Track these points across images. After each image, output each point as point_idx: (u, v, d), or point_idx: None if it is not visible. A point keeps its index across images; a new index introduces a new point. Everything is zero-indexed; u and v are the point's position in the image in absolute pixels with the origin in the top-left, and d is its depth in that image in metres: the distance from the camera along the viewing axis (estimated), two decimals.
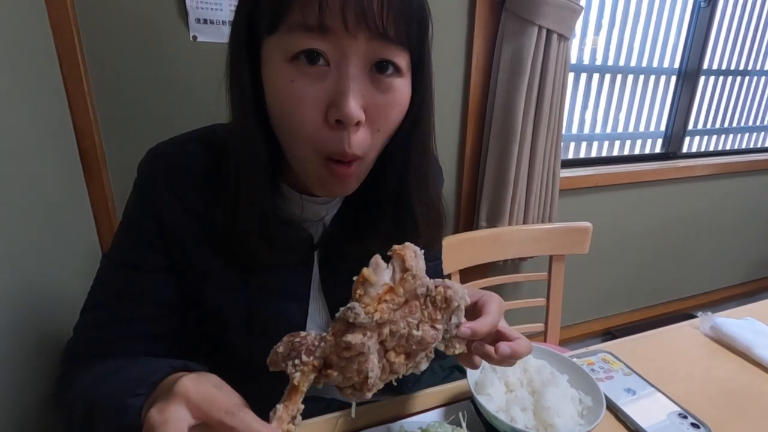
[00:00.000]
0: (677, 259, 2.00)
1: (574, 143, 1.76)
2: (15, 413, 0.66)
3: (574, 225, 1.17)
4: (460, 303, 0.41)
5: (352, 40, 0.39)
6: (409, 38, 0.42)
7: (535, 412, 0.51)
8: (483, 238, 1.12)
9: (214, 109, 1.06)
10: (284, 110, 0.42)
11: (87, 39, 0.93)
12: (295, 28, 0.39)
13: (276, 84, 0.42)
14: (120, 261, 0.51)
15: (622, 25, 1.64)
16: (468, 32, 1.26)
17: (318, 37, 0.39)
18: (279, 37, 0.40)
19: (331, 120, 0.41)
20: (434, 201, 0.55)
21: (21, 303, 0.70)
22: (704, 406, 0.59)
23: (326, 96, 0.41)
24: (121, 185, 1.05)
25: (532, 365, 0.58)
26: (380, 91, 0.42)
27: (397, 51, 0.42)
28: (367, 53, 0.40)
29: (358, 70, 0.40)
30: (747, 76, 2.02)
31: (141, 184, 0.51)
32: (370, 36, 0.39)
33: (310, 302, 0.57)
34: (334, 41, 0.39)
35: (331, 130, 0.41)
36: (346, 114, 0.40)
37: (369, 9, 0.38)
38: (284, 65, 0.40)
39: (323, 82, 0.40)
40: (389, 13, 0.39)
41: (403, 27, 0.41)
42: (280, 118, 0.43)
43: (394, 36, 0.40)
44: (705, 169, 1.86)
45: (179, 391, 0.34)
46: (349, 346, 0.36)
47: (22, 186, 0.72)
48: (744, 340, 0.71)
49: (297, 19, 0.38)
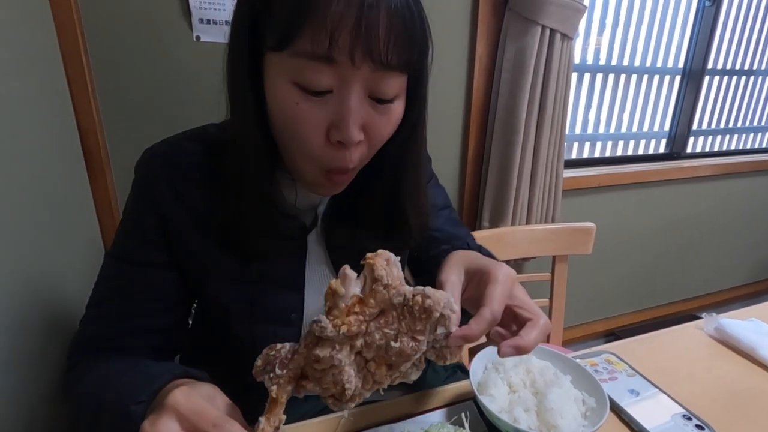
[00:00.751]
0: (681, 260, 1.99)
1: (577, 143, 1.75)
2: (19, 409, 0.66)
3: (577, 225, 1.16)
4: (443, 312, 0.38)
5: (356, 71, 0.40)
6: (409, 62, 0.44)
7: (538, 413, 0.51)
8: (486, 239, 1.12)
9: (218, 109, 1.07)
10: (288, 128, 0.44)
11: (91, 39, 0.94)
12: (303, 55, 0.40)
13: (280, 103, 0.43)
14: (122, 257, 0.53)
15: (626, 25, 1.64)
16: (471, 32, 1.26)
17: (324, 66, 0.40)
18: (285, 57, 0.41)
19: (333, 140, 0.44)
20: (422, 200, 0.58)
21: (25, 300, 0.70)
22: (709, 407, 0.58)
23: (328, 118, 0.43)
24: (124, 184, 1.05)
25: (535, 366, 0.57)
26: (378, 113, 0.45)
27: (398, 76, 0.44)
28: (369, 81, 0.42)
29: (359, 97, 0.42)
30: (752, 75, 2.01)
31: (139, 182, 0.53)
32: (374, 68, 0.41)
33: (312, 288, 0.59)
34: (338, 72, 0.40)
35: (333, 149, 0.44)
36: (348, 138, 0.42)
37: (376, 46, 0.39)
38: (289, 86, 0.42)
39: (326, 105, 0.42)
40: (394, 48, 0.41)
41: (404, 57, 0.42)
42: (284, 132, 0.46)
43: (396, 65, 0.42)
44: (709, 170, 1.85)
45: (170, 404, 0.36)
46: (318, 359, 0.36)
47: (26, 184, 0.73)
48: (749, 341, 0.70)
49: (306, 47, 0.39)
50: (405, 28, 0.41)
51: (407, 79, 0.46)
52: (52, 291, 0.79)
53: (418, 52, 0.44)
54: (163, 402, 0.36)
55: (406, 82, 0.46)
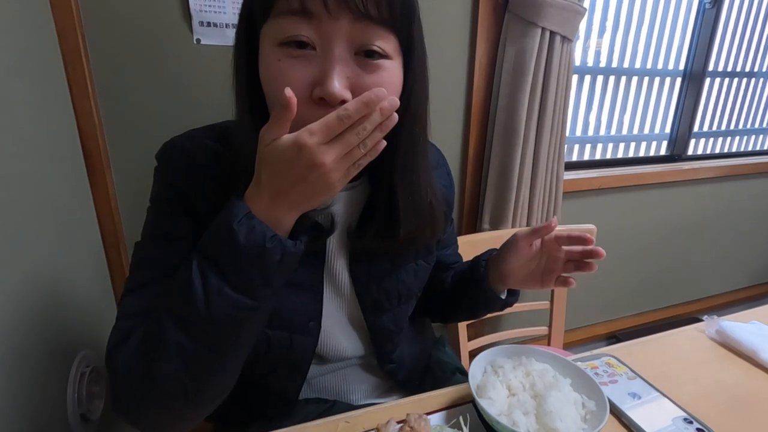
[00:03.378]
0: (683, 262, 1.98)
1: (578, 145, 1.75)
2: (21, 408, 0.66)
3: (578, 227, 1.16)
4: None
5: (335, 23, 0.40)
6: (393, 20, 0.43)
7: (538, 416, 0.51)
8: (486, 241, 1.12)
9: (218, 111, 1.07)
10: (272, 88, 0.43)
11: (91, 42, 0.94)
12: (282, 14, 0.41)
13: (266, 65, 0.43)
14: (155, 236, 0.51)
15: (627, 27, 1.64)
16: (471, 34, 1.26)
17: (302, 22, 0.41)
18: (270, 23, 0.43)
19: (316, 97, 0.42)
20: (422, 192, 0.54)
21: (25, 302, 0.70)
22: (710, 411, 0.58)
23: (312, 76, 0.42)
24: (125, 187, 1.05)
25: (534, 369, 0.57)
26: (368, 72, 0.43)
27: (382, 33, 0.42)
28: (352, 36, 0.41)
29: (343, 52, 0.41)
30: (753, 77, 2.01)
31: (162, 170, 0.52)
32: (353, 18, 0.40)
33: (329, 292, 0.58)
34: (318, 25, 0.41)
35: (317, 107, 0.42)
36: (329, 93, 0.40)
37: None
38: (274, 48, 0.42)
39: (310, 63, 0.42)
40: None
41: (385, 7, 0.41)
42: (270, 97, 0.45)
43: (376, 16, 0.41)
44: (710, 172, 1.85)
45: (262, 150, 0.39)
46: None
47: (26, 186, 0.73)
48: (750, 344, 0.70)
49: (284, 5, 0.41)
50: None
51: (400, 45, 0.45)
52: (51, 293, 0.79)
53: (401, 11, 0.43)
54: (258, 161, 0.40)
55: (399, 49, 0.45)
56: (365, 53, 0.42)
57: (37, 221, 0.75)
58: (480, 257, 0.68)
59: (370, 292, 0.60)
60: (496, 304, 0.66)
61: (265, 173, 0.39)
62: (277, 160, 0.38)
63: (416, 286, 0.64)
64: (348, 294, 0.60)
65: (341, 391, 0.66)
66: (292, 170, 0.38)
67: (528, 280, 0.61)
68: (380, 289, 0.60)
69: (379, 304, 0.61)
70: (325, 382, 0.65)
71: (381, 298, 0.60)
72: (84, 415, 0.83)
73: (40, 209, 0.76)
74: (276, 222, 0.41)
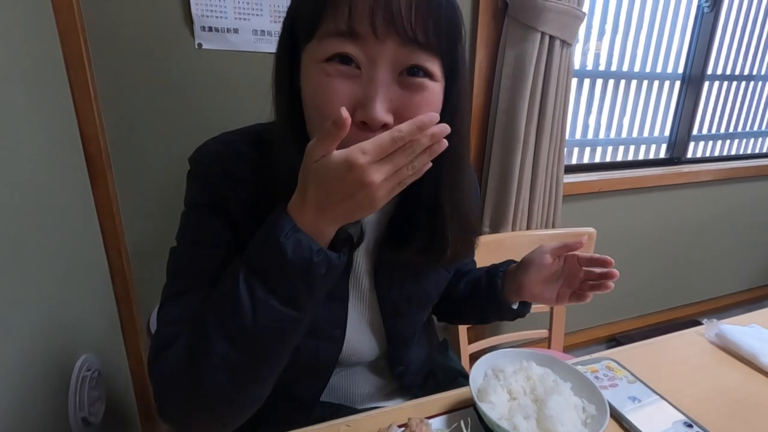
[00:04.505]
0: (682, 265, 1.98)
1: (578, 148, 1.75)
2: (23, 415, 0.66)
3: (577, 231, 1.16)
4: None
5: (381, 45, 0.41)
6: (439, 44, 0.43)
7: (538, 420, 0.51)
8: (486, 244, 1.12)
9: (219, 115, 1.08)
10: (317, 103, 0.44)
11: (93, 46, 0.95)
12: (328, 35, 0.41)
13: (311, 80, 0.44)
14: (191, 242, 0.51)
15: (626, 31, 1.64)
16: (471, 38, 1.27)
17: (349, 42, 0.41)
18: (315, 44, 0.43)
19: (357, 120, 0.42)
20: (466, 212, 0.55)
21: (27, 306, 0.71)
22: (710, 414, 0.58)
23: (355, 97, 0.42)
24: (126, 190, 1.06)
25: (535, 373, 0.57)
26: (410, 93, 0.43)
27: (427, 57, 0.42)
28: (397, 58, 0.42)
29: (387, 75, 0.42)
30: (751, 80, 2.01)
31: (196, 172, 0.53)
32: (400, 42, 0.41)
33: (353, 299, 0.59)
34: (364, 46, 0.41)
35: (358, 130, 0.42)
36: (372, 117, 0.41)
37: (398, 15, 0.39)
38: (320, 65, 0.43)
39: (353, 83, 0.42)
40: (418, 19, 0.40)
41: (432, 33, 0.42)
42: (314, 111, 0.45)
43: (423, 42, 0.41)
44: (710, 175, 1.85)
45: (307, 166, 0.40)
46: None
47: (27, 190, 0.73)
48: (750, 348, 0.70)
49: (330, 26, 0.41)
50: (429, 3, 0.41)
51: (444, 68, 0.45)
52: (53, 297, 0.79)
53: (447, 35, 0.43)
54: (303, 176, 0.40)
55: (443, 72, 0.45)
56: (408, 71, 0.43)
57: (38, 224, 0.75)
58: (497, 267, 0.69)
59: (392, 297, 0.61)
60: (508, 314, 0.68)
61: (313, 188, 0.40)
62: (327, 176, 0.38)
63: (435, 293, 0.66)
64: (369, 300, 0.61)
65: (346, 392, 0.67)
66: (341, 187, 0.38)
67: (543, 294, 0.62)
68: (402, 295, 0.61)
69: (398, 309, 0.62)
70: (333, 383, 0.66)
71: (401, 303, 0.62)
72: (85, 419, 0.84)
73: (41, 212, 0.77)
74: (320, 235, 0.42)
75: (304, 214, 0.41)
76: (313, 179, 0.40)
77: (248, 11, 1.01)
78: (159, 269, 0.60)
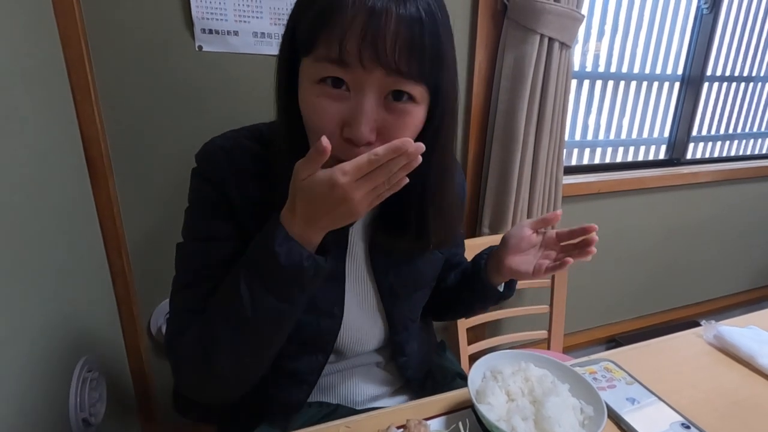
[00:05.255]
0: (681, 266, 1.99)
1: (577, 149, 1.76)
2: (23, 417, 0.67)
3: None
4: None
5: (369, 75, 0.45)
6: (421, 72, 0.46)
7: (536, 421, 0.51)
8: (486, 245, 1.12)
9: (220, 117, 1.08)
10: (310, 119, 0.49)
11: (95, 49, 0.95)
12: (321, 59, 0.45)
13: (305, 99, 0.49)
14: (195, 237, 0.57)
15: (625, 32, 1.65)
16: (470, 40, 1.27)
17: (339, 69, 0.45)
18: (310, 61, 0.47)
19: (345, 137, 0.47)
20: (446, 209, 0.61)
21: (28, 307, 0.71)
22: (708, 416, 0.59)
23: (344, 116, 0.47)
24: (127, 192, 1.06)
25: (533, 374, 0.58)
26: (394, 116, 0.48)
27: (411, 84, 0.47)
28: (383, 85, 0.46)
29: (373, 100, 0.46)
30: (751, 82, 2.02)
31: (201, 169, 0.57)
32: (385, 73, 0.45)
33: (350, 281, 0.63)
34: (353, 74, 0.45)
35: (345, 144, 0.47)
36: (357, 136, 0.46)
37: (382, 51, 0.43)
38: (313, 85, 0.47)
39: (343, 103, 0.46)
40: (402, 54, 0.44)
41: (415, 64, 0.45)
42: (308, 125, 0.51)
43: (406, 72, 0.45)
44: (709, 176, 1.85)
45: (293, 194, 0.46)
46: None
47: (29, 192, 0.73)
48: (748, 349, 0.70)
49: (323, 51, 0.45)
50: (413, 37, 0.44)
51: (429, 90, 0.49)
52: (54, 299, 0.79)
53: (430, 62, 0.46)
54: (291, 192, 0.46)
55: (428, 93, 0.49)
56: (393, 95, 0.47)
57: (39, 226, 0.76)
58: (483, 251, 0.73)
59: (388, 278, 0.65)
60: (493, 295, 0.71)
61: (300, 203, 0.46)
62: (312, 193, 0.44)
63: (430, 274, 0.70)
64: (367, 281, 0.65)
65: (347, 392, 0.68)
66: (325, 203, 0.44)
67: (520, 267, 0.64)
68: (397, 276, 0.65)
69: (395, 291, 0.65)
70: (333, 382, 0.67)
71: (398, 284, 0.65)
72: (86, 420, 0.84)
73: (41, 214, 0.77)
74: (308, 242, 0.48)
75: (294, 224, 0.47)
76: (300, 196, 0.45)
77: (248, 14, 1.01)
78: (159, 271, 0.61)
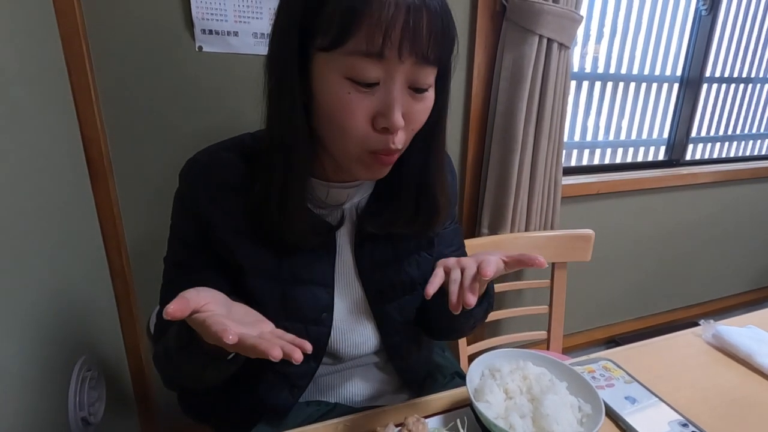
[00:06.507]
0: (681, 267, 1.99)
1: (576, 150, 1.76)
2: (23, 416, 0.67)
3: (576, 232, 1.17)
4: None
5: (401, 65, 0.46)
6: (442, 59, 0.50)
7: (534, 419, 0.51)
8: (485, 245, 1.13)
9: (220, 118, 1.08)
10: (337, 117, 0.49)
11: (95, 49, 0.95)
12: (356, 53, 0.45)
13: (332, 96, 0.48)
14: (173, 262, 0.60)
15: (624, 33, 1.65)
16: (469, 41, 1.27)
17: (374, 63, 0.45)
18: (339, 56, 0.45)
19: (379, 127, 0.49)
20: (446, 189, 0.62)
21: (28, 307, 0.71)
22: (706, 415, 0.59)
23: (375, 107, 0.48)
24: (128, 193, 1.06)
25: (531, 372, 0.58)
26: (416, 101, 0.50)
27: (431, 70, 0.49)
28: (409, 74, 0.48)
29: (402, 88, 0.48)
30: (750, 83, 2.02)
31: (180, 192, 0.59)
32: (415, 62, 0.46)
33: (340, 286, 0.63)
34: (387, 65, 0.46)
35: (378, 134, 0.49)
36: (393, 124, 0.48)
37: (419, 41, 0.45)
38: (341, 80, 0.46)
39: (373, 96, 0.47)
40: (434, 44, 0.46)
41: (439, 51, 0.48)
42: (332, 123, 0.50)
43: (433, 60, 0.48)
44: (708, 177, 1.86)
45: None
46: None
47: (29, 193, 0.74)
48: (746, 349, 0.70)
49: (360, 46, 0.44)
50: (442, 27, 0.47)
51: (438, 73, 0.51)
52: (54, 299, 0.80)
53: (449, 49, 0.50)
54: None
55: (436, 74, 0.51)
56: (416, 89, 0.49)
57: (39, 226, 0.76)
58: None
59: (374, 280, 0.64)
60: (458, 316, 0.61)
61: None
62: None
63: (419, 277, 0.67)
64: (355, 285, 0.64)
65: (345, 392, 0.68)
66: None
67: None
68: (384, 278, 0.64)
69: (383, 294, 0.65)
70: (332, 381, 0.67)
71: (385, 287, 0.65)
72: (85, 419, 0.84)
73: (42, 214, 0.77)
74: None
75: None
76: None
77: (248, 14, 1.02)
78: (159, 270, 0.61)
